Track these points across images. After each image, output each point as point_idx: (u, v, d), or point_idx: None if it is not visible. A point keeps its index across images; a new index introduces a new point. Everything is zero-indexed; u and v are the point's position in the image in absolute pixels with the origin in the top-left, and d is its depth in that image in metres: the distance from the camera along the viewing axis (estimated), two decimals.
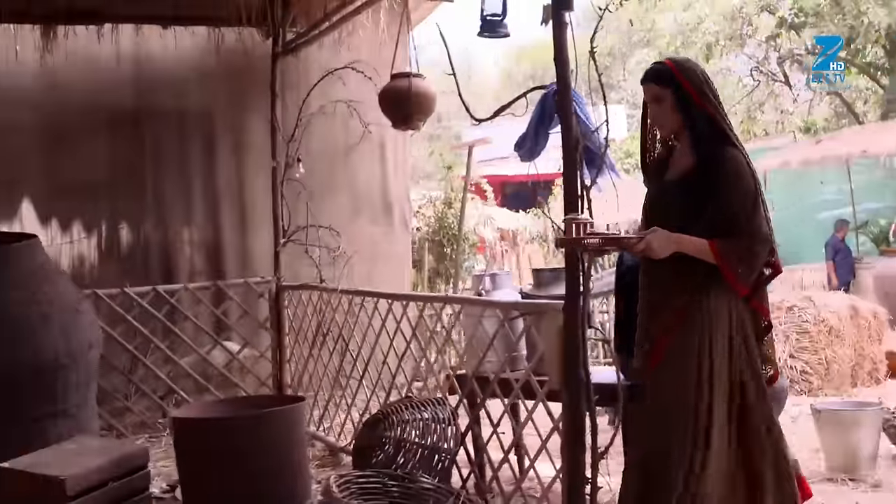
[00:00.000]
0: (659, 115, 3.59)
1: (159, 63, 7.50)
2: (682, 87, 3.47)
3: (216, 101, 7.75)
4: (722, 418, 3.42)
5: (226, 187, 7.80)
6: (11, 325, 5.42)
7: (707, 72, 3.66)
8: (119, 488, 4.89)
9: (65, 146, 7.31)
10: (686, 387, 3.41)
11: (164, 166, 7.64)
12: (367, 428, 4.95)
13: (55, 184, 7.31)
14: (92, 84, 7.33)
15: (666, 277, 3.50)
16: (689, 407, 3.40)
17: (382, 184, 8.29)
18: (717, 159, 3.41)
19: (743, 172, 3.40)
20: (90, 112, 7.35)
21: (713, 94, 3.51)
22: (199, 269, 7.69)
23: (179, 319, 7.08)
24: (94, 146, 7.39)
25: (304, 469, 5.08)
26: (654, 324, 3.56)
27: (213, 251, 7.76)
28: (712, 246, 3.35)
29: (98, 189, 7.45)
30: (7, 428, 5.40)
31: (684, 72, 3.50)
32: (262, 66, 7.44)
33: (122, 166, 7.51)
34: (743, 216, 3.37)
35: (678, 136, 3.62)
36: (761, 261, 3.41)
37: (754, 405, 3.46)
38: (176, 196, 7.69)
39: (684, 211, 3.45)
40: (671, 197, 3.57)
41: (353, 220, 7.22)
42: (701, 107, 3.46)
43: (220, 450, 4.86)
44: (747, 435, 3.47)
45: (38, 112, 7.25)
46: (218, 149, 7.79)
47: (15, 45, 7.02)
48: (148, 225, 7.59)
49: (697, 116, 3.46)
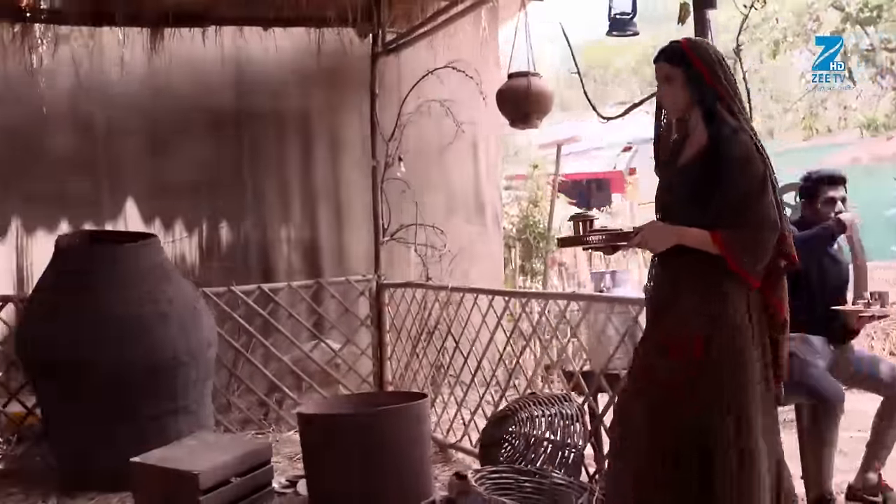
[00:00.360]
0: (668, 94, 3.45)
1: (259, 65, 7.59)
2: (693, 65, 3.34)
3: (313, 101, 7.83)
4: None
5: (322, 186, 7.87)
6: (131, 323, 5.55)
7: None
8: (245, 483, 4.99)
9: (167, 147, 7.44)
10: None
11: (263, 166, 7.73)
12: (494, 424, 4.98)
13: (158, 184, 7.43)
14: (194, 86, 7.44)
15: (676, 272, 3.38)
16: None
17: (475, 183, 8.32)
18: (724, 144, 3.27)
19: (750, 156, 3.25)
20: (192, 113, 7.46)
21: (726, 77, 3.37)
22: (297, 268, 7.77)
23: (280, 317, 7.16)
24: (195, 147, 7.50)
25: (426, 466, 5.12)
26: (666, 323, 3.40)
27: (310, 249, 7.84)
28: (715, 236, 3.20)
29: (199, 189, 7.56)
30: (126, 425, 5.53)
31: (696, 50, 3.38)
32: (359, 67, 7.52)
33: (222, 166, 7.61)
34: (748, 202, 3.22)
35: (688, 118, 3.47)
36: (768, 249, 3.24)
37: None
38: (274, 195, 7.77)
39: (691, 198, 3.32)
40: (678, 184, 3.44)
41: (448, 219, 7.26)
42: (711, 86, 3.32)
43: (346, 445, 4.91)
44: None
45: (143, 114, 7.38)
46: (314, 148, 7.86)
47: (122, 48, 7.14)
48: (247, 224, 7.69)
49: (707, 94, 3.33)
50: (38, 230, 7.30)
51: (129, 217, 7.43)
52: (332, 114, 7.87)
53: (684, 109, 3.43)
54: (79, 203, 7.28)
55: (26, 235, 7.26)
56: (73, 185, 7.27)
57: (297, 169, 7.83)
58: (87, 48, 7.08)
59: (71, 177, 7.26)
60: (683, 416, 3.23)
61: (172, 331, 5.62)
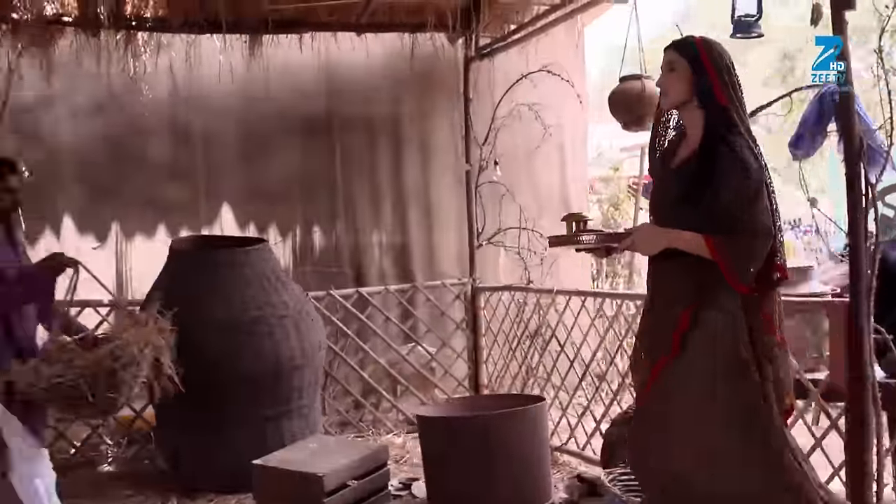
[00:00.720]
0: (667, 80, 3.38)
1: (351, 70, 7.64)
2: (701, 60, 3.29)
3: (404, 105, 7.87)
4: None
5: (412, 191, 7.91)
6: (252, 326, 5.60)
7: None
8: (363, 486, 5.05)
9: (261, 153, 7.51)
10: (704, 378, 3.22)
11: (354, 171, 7.78)
12: (620, 423, 4.98)
13: (252, 189, 7.51)
14: (289, 92, 7.50)
15: (669, 276, 3.34)
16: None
17: (562, 186, 8.32)
18: (719, 146, 3.21)
19: (745, 160, 3.17)
20: (286, 119, 7.52)
21: (731, 81, 3.30)
22: (388, 272, 7.82)
23: (375, 321, 7.22)
24: (288, 152, 7.57)
25: (545, 469, 5.13)
26: (661, 329, 3.35)
27: (401, 253, 7.88)
28: (707, 241, 3.14)
29: (292, 194, 7.63)
30: (245, 427, 5.60)
31: (708, 49, 3.32)
32: (450, 71, 7.58)
33: (314, 171, 7.67)
34: (742, 207, 3.15)
35: (683, 113, 3.41)
36: (760, 255, 3.17)
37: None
38: (366, 200, 7.82)
39: (684, 198, 3.25)
40: (671, 185, 3.37)
41: (536, 222, 7.27)
42: (713, 85, 3.27)
43: (467, 448, 4.93)
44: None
45: (238, 120, 7.46)
46: (405, 153, 7.90)
47: (220, 55, 7.22)
48: (340, 228, 7.74)
49: (708, 91, 3.27)
50: (136, 235, 7.39)
51: (225, 222, 7.51)
52: (423, 118, 7.91)
53: (682, 101, 3.36)
54: (176, 209, 7.37)
55: (125, 241, 7.36)
56: (170, 191, 7.36)
57: (388, 173, 7.87)
58: (186, 56, 7.17)
59: (168, 183, 7.36)
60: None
61: (290, 334, 5.69)
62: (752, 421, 3.20)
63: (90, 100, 7.15)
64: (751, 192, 3.15)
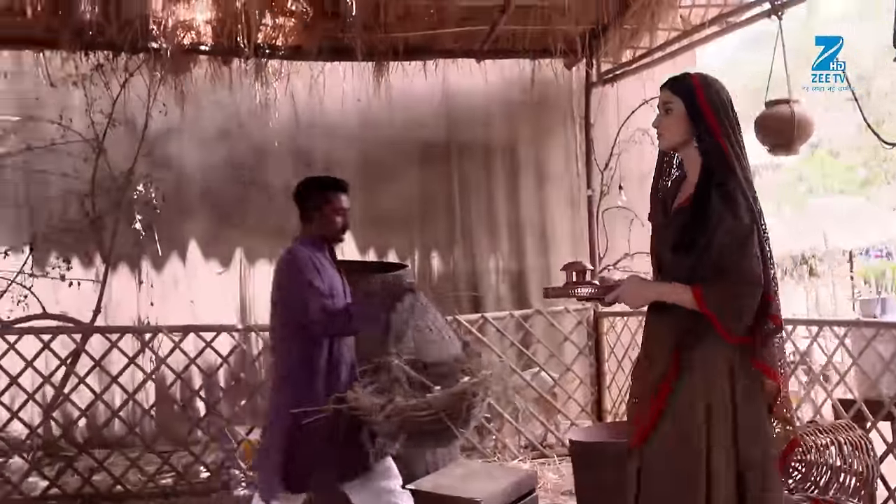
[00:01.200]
0: (663, 122, 3.21)
1: (469, 96, 7.71)
2: (697, 100, 3.12)
3: (520, 131, 7.92)
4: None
5: (528, 216, 7.94)
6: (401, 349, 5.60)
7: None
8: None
9: (381, 178, 7.59)
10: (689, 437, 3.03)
11: (471, 197, 7.84)
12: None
13: (372, 215, 7.57)
14: (408, 119, 7.60)
15: (662, 327, 3.19)
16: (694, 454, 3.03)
17: None
18: (712, 191, 3.05)
19: (735, 207, 3.01)
20: (405, 146, 7.62)
21: (729, 121, 3.14)
22: (505, 297, 7.83)
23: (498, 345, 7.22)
24: (407, 178, 7.65)
25: None
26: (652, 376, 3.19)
27: (517, 279, 7.89)
28: (695, 291, 2.97)
29: (411, 219, 7.70)
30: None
31: (705, 88, 3.15)
32: (565, 97, 7.63)
33: (432, 197, 7.75)
34: (730, 255, 2.97)
35: (682, 154, 3.24)
36: (749, 305, 2.98)
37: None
38: (482, 226, 7.86)
39: (678, 245, 3.09)
40: (669, 231, 3.19)
41: (634, 246, 7.22)
42: (711, 126, 3.10)
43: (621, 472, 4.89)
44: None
45: (359, 146, 7.56)
46: (520, 178, 7.94)
47: (344, 82, 7.32)
48: (457, 254, 7.78)
49: (705, 133, 3.10)
50: (258, 261, 7.48)
51: (346, 247, 7.56)
52: (538, 144, 7.94)
53: (679, 144, 3.21)
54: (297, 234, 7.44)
55: (249, 266, 7.45)
56: (292, 217, 7.42)
57: (504, 199, 7.91)
58: (311, 82, 7.27)
59: (290, 209, 7.42)
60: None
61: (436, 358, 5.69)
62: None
63: (217, 127, 7.28)
64: (740, 239, 2.99)
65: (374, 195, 7.60)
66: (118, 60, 6.73)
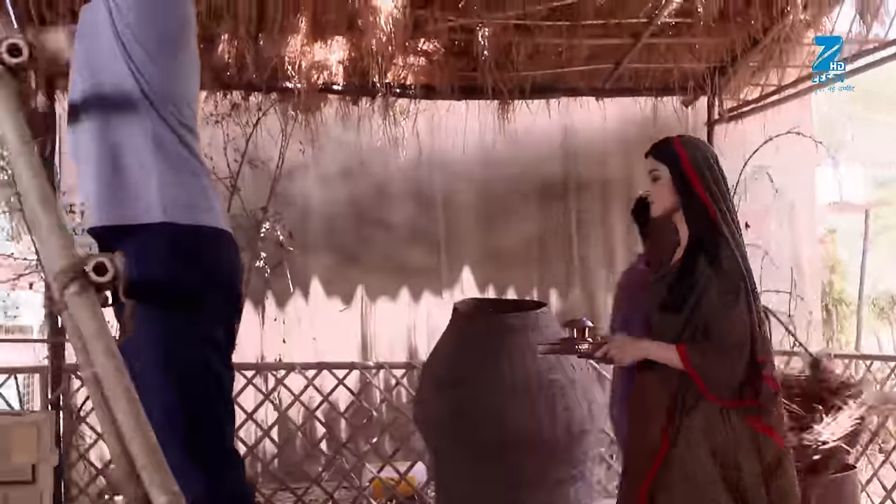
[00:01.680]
0: (653, 190, 3.20)
1: (588, 134, 7.73)
2: (682, 165, 3.11)
3: (636, 168, 7.90)
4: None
5: None
6: (545, 389, 5.60)
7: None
8: None
9: (500, 215, 7.63)
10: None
11: (589, 235, 7.83)
12: None
13: (491, 252, 7.61)
14: (528, 157, 7.63)
15: (651, 386, 3.15)
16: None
17: (793, 246, 8.22)
18: (700, 254, 3.04)
19: (724, 270, 2.99)
20: (524, 184, 7.66)
21: (715, 181, 3.13)
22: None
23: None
24: (526, 216, 7.67)
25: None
26: (646, 440, 3.14)
27: None
28: (680, 351, 2.96)
29: (530, 256, 7.71)
30: (532, 490, 5.57)
31: (687, 149, 3.15)
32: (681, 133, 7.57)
33: (551, 235, 7.76)
34: (716, 316, 2.96)
35: (675, 218, 3.20)
36: (734, 368, 2.94)
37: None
38: (600, 265, 7.85)
39: (668, 306, 3.10)
40: (659, 291, 3.20)
41: (764, 284, 7.16)
42: (697, 191, 3.08)
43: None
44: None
45: (479, 184, 7.60)
46: None
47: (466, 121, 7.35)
48: (575, 292, 7.76)
49: (693, 199, 3.09)
50: (379, 298, 7.52)
51: (466, 284, 7.60)
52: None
53: (670, 211, 3.19)
54: (418, 272, 7.50)
55: (370, 303, 7.49)
56: (413, 255, 7.49)
57: (622, 237, 7.89)
58: (432, 121, 7.32)
59: (411, 246, 7.49)
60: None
61: (579, 397, 5.66)
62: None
63: (340, 165, 7.35)
64: (728, 304, 2.97)
65: (493, 232, 7.64)
66: (250, 99, 6.83)
